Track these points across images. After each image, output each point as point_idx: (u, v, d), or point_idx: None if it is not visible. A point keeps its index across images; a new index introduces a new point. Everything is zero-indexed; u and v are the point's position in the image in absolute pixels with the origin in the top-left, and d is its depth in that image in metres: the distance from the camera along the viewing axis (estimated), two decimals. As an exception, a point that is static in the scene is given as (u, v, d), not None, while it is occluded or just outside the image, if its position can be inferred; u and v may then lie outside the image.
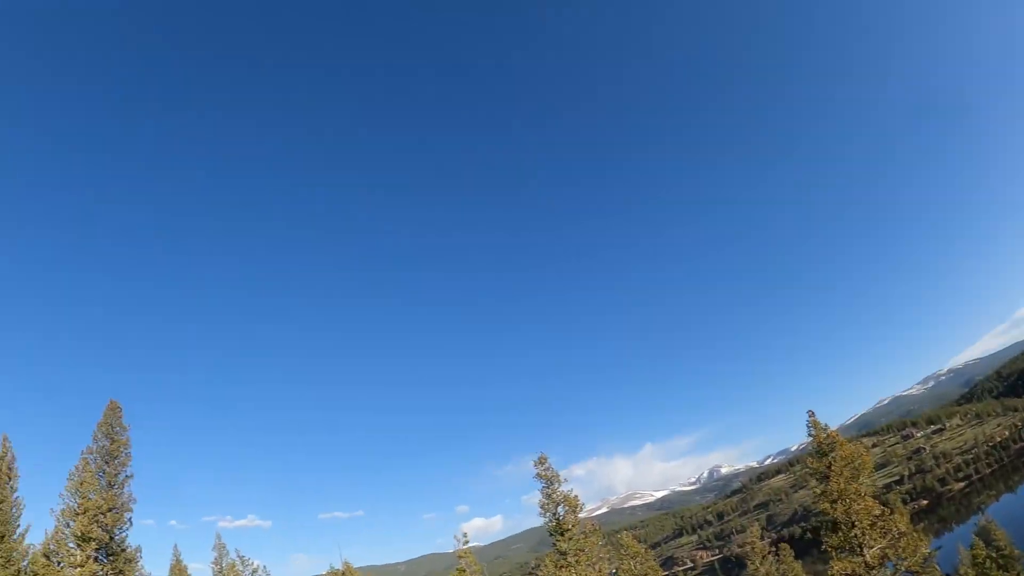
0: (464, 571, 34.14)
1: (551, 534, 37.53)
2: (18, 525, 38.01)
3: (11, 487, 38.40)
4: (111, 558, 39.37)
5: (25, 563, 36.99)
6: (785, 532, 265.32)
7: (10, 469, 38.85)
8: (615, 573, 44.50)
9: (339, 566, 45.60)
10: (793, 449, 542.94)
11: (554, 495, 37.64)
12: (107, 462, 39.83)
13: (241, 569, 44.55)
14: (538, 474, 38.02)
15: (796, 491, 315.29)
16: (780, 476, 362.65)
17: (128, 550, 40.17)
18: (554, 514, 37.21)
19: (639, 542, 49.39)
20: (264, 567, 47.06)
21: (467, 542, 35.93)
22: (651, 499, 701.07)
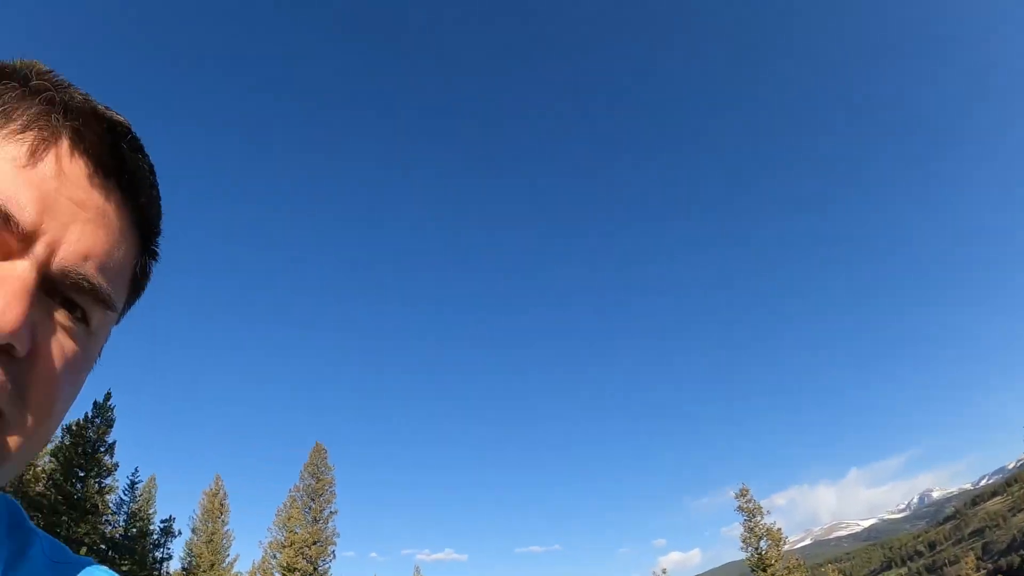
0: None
1: (753, 569, 37.61)
2: (227, 555, 44.96)
3: (223, 520, 45.89)
4: (314, 587, 44.62)
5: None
6: (1003, 562, 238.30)
7: (222, 505, 46.22)
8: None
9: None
10: (1010, 467, 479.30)
11: (756, 528, 37.77)
12: (313, 499, 45.93)
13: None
14: (739, 506, 38.41)
15: (1015, 515, 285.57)
16: (996, 499, 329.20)
17: (331, 581, 45.40)
18: (756, 548, 37.31)
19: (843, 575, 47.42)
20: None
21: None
22: (857, 529, 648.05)
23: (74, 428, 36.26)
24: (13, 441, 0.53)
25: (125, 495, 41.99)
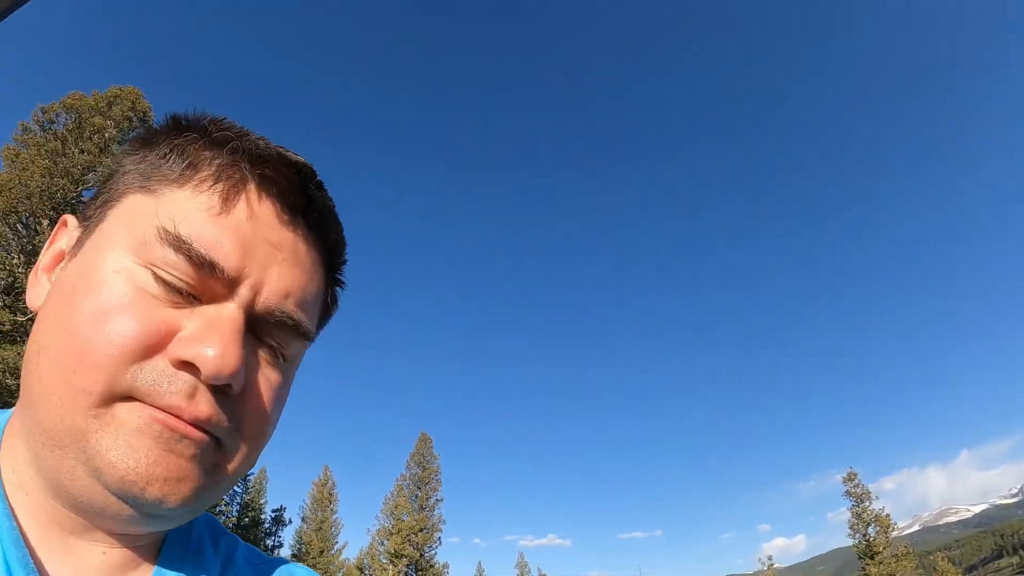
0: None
1: (860, 557, 36.44)
2: (336, 542, 46.37)
3: (331, 509, 47.43)
4: (420, 573, 45.65)
5: (340, 575, 44.63)
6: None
7: (331, 494, 47.74)
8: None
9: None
10: None
11: (864, 514, 36.54)
12: (419, 487, 46.97)
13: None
14: (847, 491, 37.22)
15: None
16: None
17: (436, 566, 46.73)
18: (864, 535, 36.13)
19: (953, 564, 44.99)
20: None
21: (772, 564, 36.12)
22: (968, 515, 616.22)
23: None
24: (230, 467, 0.58)
25: (238, 487, 44.09)
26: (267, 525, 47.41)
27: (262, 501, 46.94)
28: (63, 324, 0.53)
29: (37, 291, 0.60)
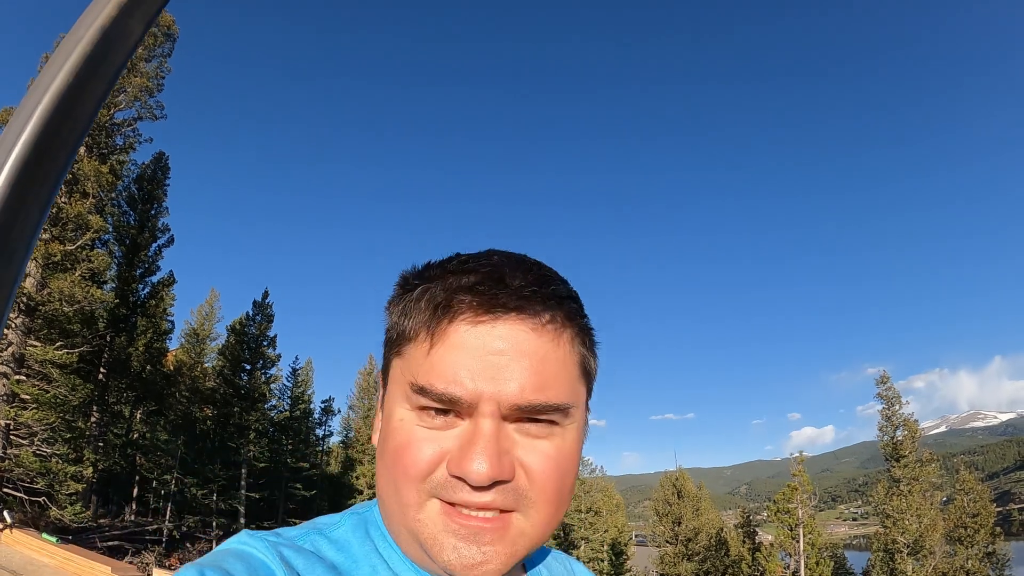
0: (797, 488, 35.44)
1: (886, 458, 37.43)
2: None
3: (377, 397, 48.66)
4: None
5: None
6: None
7: (376, 382, 49.11)
8: (947, 502, 42.69)
9: (672, 467, 50.10)
10: None
11: (894, 417, 37.32)
12: None
13: (580, 467, 51.90)
14: (879, 393, 37.82)
15: None
16: None
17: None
18: (892, 437, 36.91)
19: (975, 469, 45.91)
20: (601, 466, 53.94)
21: (803, 459, 37.24)
22: (995, 422, 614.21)
23: (236, 327, 40.01)
24: (532, 530, 0.73)
25: (288, 381, 46.34)
26: (317, 416, 49.99)
27: (310, 392, 49.30)
28: (384, 461, 0.73)
29: (373, 432, 0.82)
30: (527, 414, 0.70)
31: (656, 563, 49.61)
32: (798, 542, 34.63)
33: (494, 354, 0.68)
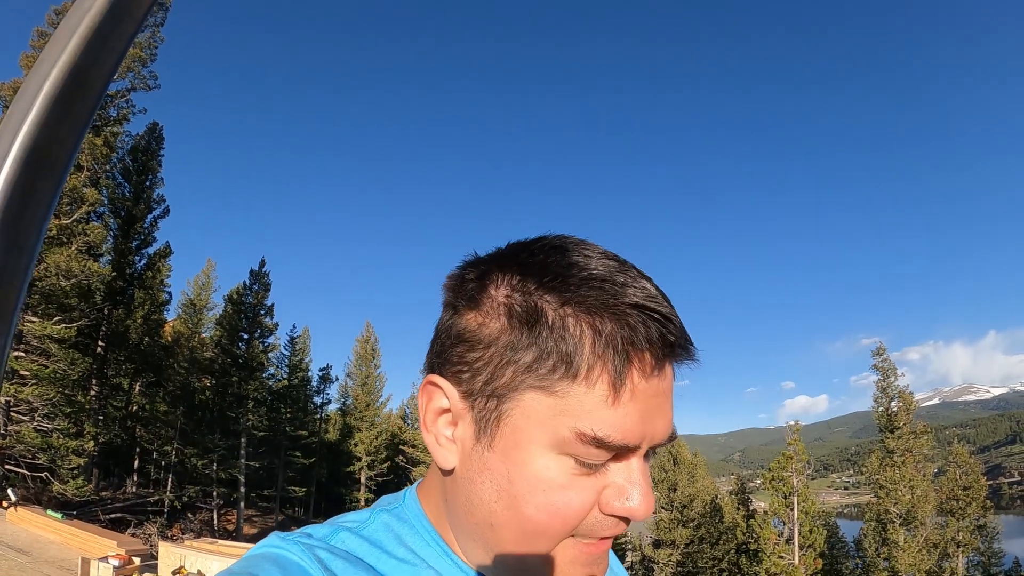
0: (792, 457, 35.71)
1: (880, 429, 37.75)
2: (380, 395, 48.87)
3: (375, 364, 49.54)
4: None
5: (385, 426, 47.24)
6: None
7: (374, 350, 49.84)
8: (938, 474, 43.18)
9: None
10: None
11: (889, 388, 37.56)
12: None
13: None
14: (875, 364, 38.02)
15: None
16: None
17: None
18: (886, 408, 37.17)
19: (967, 443, 46.41)
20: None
21: (798, 428, 37.50)
22: (987, 396, 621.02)
23: (233, 297, 39.95)
24: None
25: (285, 350, 46.41)
26: (315, 384, 50.17)
27: (308, 361, 49.38)
28: (518, 512, 0.64)
29: (442, 455, 0.69)
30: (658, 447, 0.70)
31: (651, 529, 50.33)
32: (792, 510, 35.04)
33: (658, 396, 0.65)
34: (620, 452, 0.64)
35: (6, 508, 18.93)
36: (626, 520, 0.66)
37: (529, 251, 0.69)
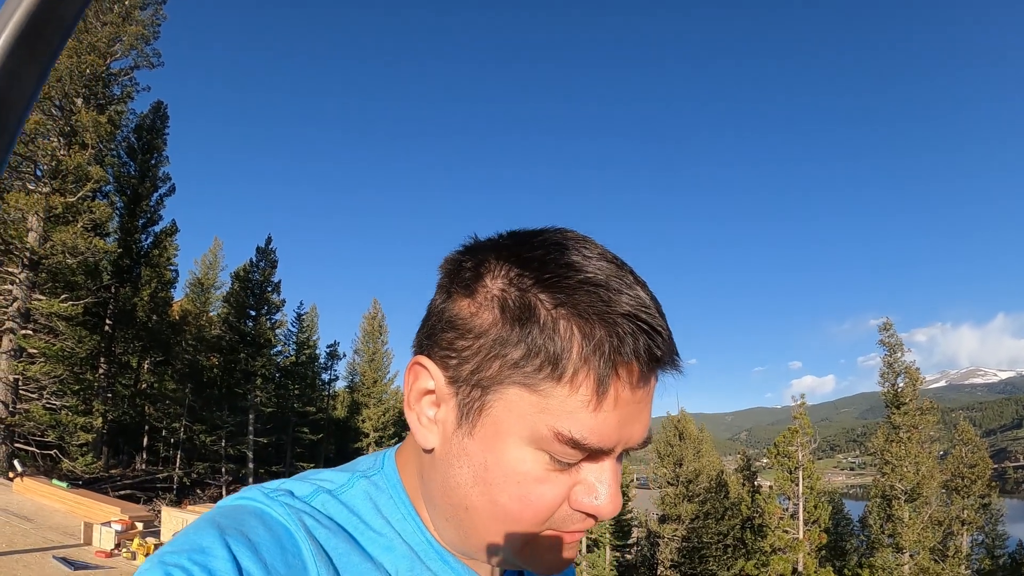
0: (797, 432, 35.66)
1: (887, 405, 37.57)
2: (388, 372, 48.96)
3: (382, 341, 49.67)
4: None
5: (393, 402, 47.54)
6: None
7: (381, 326, 49.91)
8: (943, 456, 43.09)
9: (674, 411, 50.58)
10: None
11: (896, 364, 37.25)
12: None
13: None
14: (881, 340, 37.73)
15: None
16: None
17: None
18: (893, 384, 36.96)
19: (972, 425, 46.21)
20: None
21: (804, 404, 37.33)
22: (994, 379, 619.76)
23: (240, 274, 39.99)
24: None
25: (293, 327, 46.58)
26: (322, 360, 50.41)
27: (315, 338, 49.57)
28: (492, 498, 0.67)
29: (423, 434, 0.71)
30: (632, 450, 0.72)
31: (657, 504, 50.57)
32: (797, 485, 35.11)
33: (638, 403, 0.67)
34: (594, 453, 0.66)
35: (12, 479, 19.17)
36: (594, 517, 0.68)
37: (529, 244, 0.69)
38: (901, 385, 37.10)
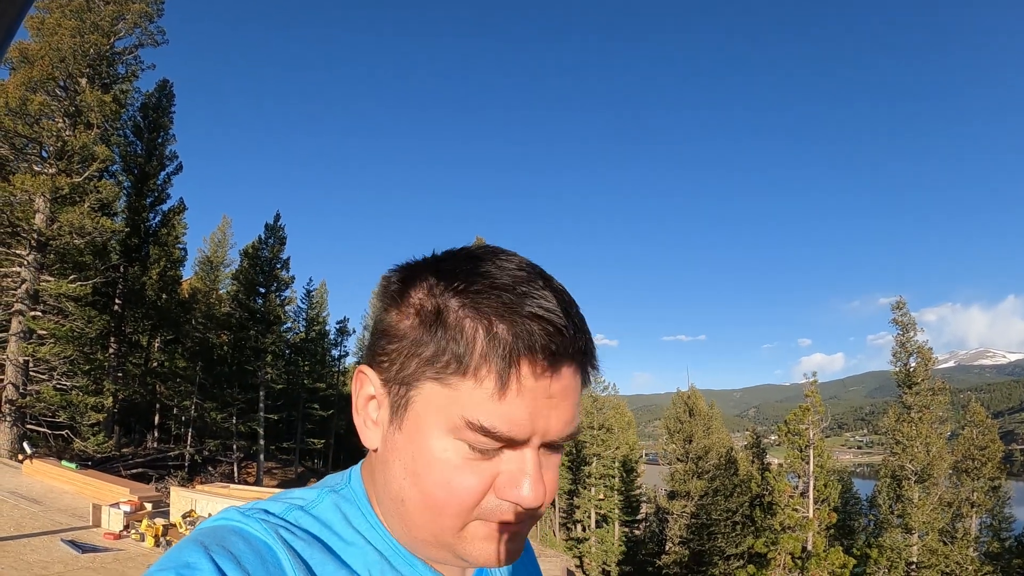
0: (808, 410, 35.47)
1: (898, 385, 37.33)
2: None
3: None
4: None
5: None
6: None
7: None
8: (952, 436, 42.77)
9: (683, 387, 50.44)
10: None
11: (908, 344, 36.97)
12: None
13: (592, 385, 52.55)
14: (894, 319, 37.41)
15: None
16: None
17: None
18: (905, 364, 36.68)
19: (983, 406, 45.71)
20: (613, 384, 54.47)
21: (816, 382, 37.07)
22: (1003, 361, 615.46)
23: (249, 251, 39.95)
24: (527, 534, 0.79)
25: (302, 303, 46.65)
26: (332, 336, 50.55)
27: (325, 314, 49.66)
28: (421, 488, 0.72)
29: (368, 435, 0.78)
30: (554, 445, 0.76)
31: (666, 480, 50.84)
32: (807, 463, 35.01)
33: (550, 397, 0.72)
34: (510, 443, 0.72)
35: (22, 461, 19.31)
36: (523, 508, 0.73)
37: (451, 259, 0.77)
38: (913, 365, 36.84)
